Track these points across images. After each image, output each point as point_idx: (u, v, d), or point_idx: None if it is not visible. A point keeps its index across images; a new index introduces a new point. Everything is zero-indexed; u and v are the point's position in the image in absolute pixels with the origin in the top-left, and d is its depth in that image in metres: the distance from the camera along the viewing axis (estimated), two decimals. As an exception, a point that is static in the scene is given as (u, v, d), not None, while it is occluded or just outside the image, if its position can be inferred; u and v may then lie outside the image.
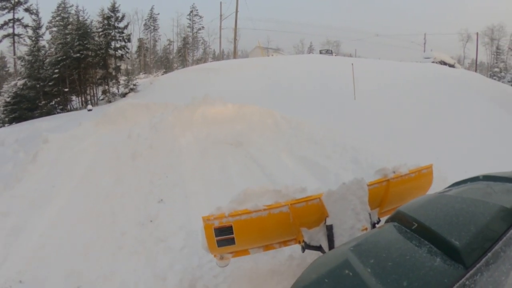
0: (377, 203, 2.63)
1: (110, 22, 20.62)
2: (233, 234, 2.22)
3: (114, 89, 20.87)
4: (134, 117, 6.59)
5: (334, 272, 1.08)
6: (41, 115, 18.40)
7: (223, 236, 2.22)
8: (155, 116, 6.31)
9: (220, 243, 2.24)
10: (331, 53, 26.09)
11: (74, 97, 20.94)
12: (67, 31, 19.26)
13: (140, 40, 34.56)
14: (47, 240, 3.55)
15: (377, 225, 2.54)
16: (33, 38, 19.24)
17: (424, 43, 47.44)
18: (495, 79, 31.07)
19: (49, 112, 18.92)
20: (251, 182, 4.48)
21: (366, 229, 2.30)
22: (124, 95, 19.72)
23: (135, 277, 2.80)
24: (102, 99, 20.77)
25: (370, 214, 2.41)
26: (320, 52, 28.08)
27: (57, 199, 4.27)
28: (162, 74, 28.96)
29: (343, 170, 4.51)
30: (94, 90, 21.44)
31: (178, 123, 6.07)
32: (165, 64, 35.38)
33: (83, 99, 21.16)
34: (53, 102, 19.78)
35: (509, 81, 28.16)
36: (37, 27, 20.19)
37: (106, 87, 20.84)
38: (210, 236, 2.22)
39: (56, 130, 9.05)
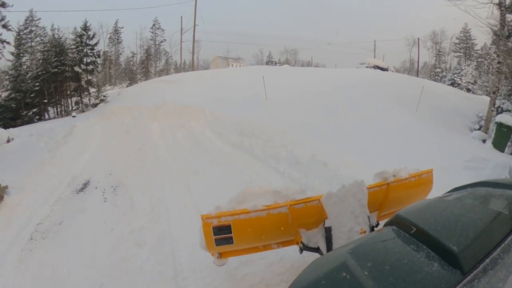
0: (376, 206, 2.87)
1: (82, 39, 25.34)
2: (231, 233, 2.44)
3: (86, 100, 25.63)
4: (122, 115, 12.17)
5: (331, 274, 1.17)
6: (23, 123, 22.64)
7: (222, 235, 2.44)
8: (135, 114, 11.95)
9: (218, 242, 2.47)
10: (275, 64, 32.82)
11: (50, 108, 25.49)
12: (45, 48, 23.78)
13: (105, 53, 39.01)
14: (91, 161, 9.09)
15: (375, 229, 2.74)
16: (15, 54, 23.67)
17: (374, 49, 55.53)
18: (437, 78, 38.25)
19: (29, 121, 23.26)
20: (188, 142, 10.32)
21: (364, 232, 2.47)
22: (95, 105, 24.50)
23: (137, 165, 8.49)
24: (76, 109, 25.41)
25: (369, 217, 2.62)
26: (267, 63, 34.96)
27: (90, 150, 9.81)
28: (127, 86, 33.27)
29: (230, 134, 10.42)
30: (68, 101, 26.11)
31: (149, 117, 11.79)
32: (129, 75, 39.61)
33: (58, 109, 25.80)
34: (30, 113, 24.15)
35: (449, 80, 32.58)
36: (19, 44, 24.55)
37: (79, 98, 25.56)
38: (208, 235, 2.45)
39: (59, 127, 14.33)
